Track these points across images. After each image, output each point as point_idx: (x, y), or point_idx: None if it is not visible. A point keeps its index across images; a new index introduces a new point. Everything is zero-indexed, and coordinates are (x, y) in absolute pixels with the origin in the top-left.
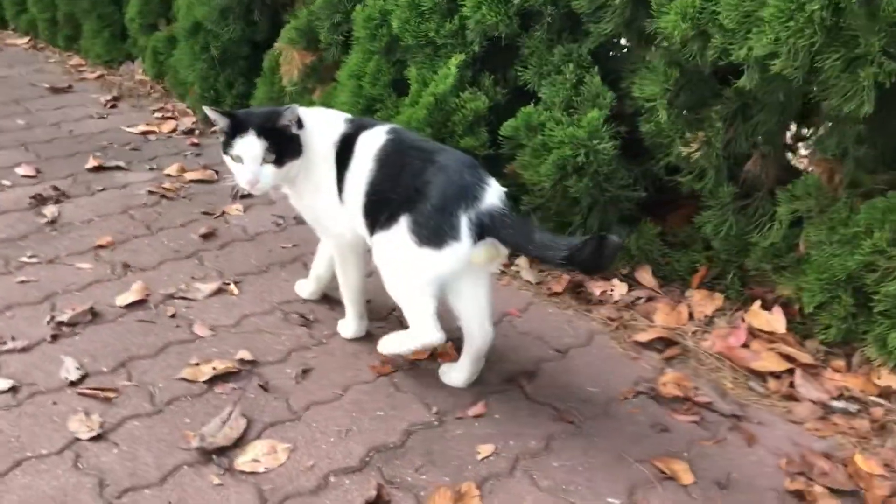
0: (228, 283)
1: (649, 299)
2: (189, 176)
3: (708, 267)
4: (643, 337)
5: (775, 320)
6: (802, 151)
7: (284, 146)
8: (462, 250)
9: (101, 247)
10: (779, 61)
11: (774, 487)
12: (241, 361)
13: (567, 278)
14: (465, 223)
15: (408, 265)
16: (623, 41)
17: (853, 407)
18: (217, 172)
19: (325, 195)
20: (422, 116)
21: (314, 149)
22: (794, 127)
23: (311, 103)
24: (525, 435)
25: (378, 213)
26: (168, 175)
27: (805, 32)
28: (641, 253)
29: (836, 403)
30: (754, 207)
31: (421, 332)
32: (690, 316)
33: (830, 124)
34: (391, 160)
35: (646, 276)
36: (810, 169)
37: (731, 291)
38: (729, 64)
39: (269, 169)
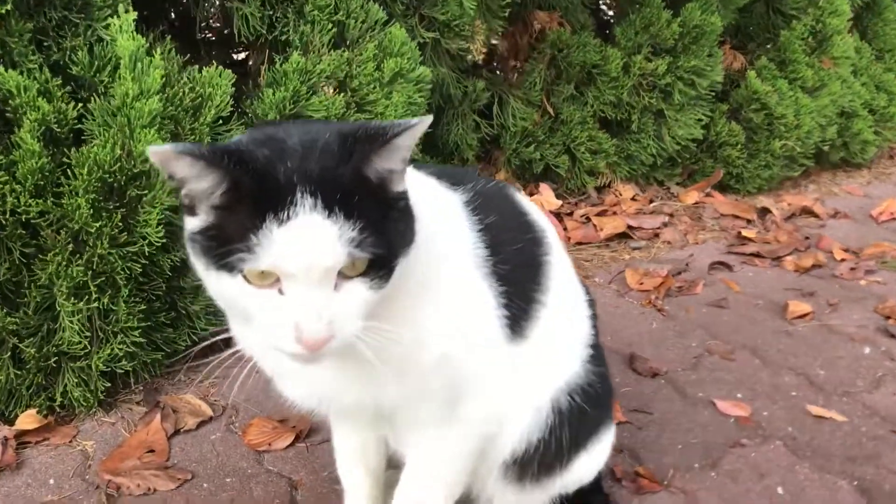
0: None
1: None
2: None
3: None
4: None
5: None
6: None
7: (389, 227)
8: None
9: None
10: None
11: None
12: None
13: None
14: None
15: None
16: None
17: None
18: None
19: (471, 311)
20: (149, 137)
21: (433, 230)
22: None
23: None
24: None
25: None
26: None
27: None
28: None
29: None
30: None
31: None
32: None
33: None
34: None
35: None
36: None
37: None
38: None
39: (361, 291)
